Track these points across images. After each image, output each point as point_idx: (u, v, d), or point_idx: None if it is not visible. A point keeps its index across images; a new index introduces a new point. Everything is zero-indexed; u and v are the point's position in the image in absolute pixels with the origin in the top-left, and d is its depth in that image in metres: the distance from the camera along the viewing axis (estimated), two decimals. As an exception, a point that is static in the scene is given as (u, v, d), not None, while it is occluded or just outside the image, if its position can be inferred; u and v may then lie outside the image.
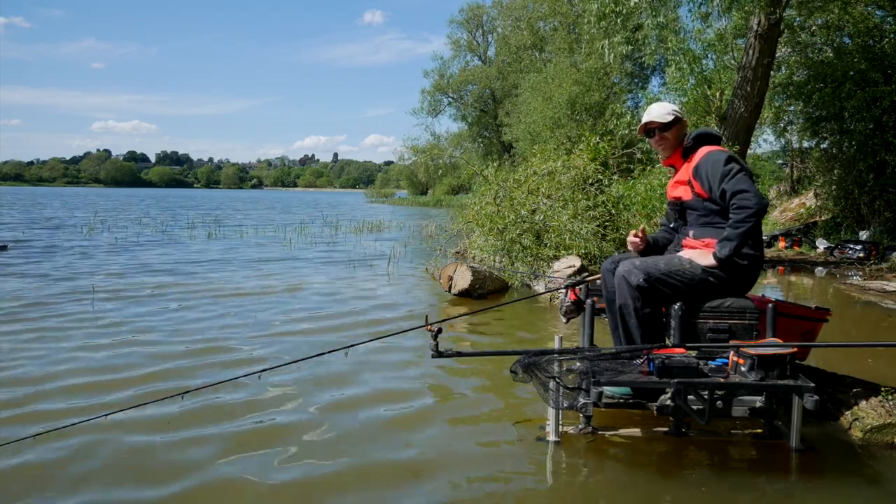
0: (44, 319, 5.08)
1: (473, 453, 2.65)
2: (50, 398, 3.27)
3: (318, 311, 5.66)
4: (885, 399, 2.83)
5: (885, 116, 10.99)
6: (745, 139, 11.13)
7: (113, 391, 3.38)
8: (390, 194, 58.89)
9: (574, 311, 3.21)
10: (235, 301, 6.04)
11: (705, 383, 2.40)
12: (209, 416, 3.02)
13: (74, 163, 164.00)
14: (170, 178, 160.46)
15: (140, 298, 6.09)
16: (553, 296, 5.88)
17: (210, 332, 4.76)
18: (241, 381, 3.36)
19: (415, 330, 3.26)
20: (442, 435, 2.87)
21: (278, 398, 3.30)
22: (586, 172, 7.78)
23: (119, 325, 4.93)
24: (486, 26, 37.85)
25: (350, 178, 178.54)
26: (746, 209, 2.65)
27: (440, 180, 42.90)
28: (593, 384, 2.45)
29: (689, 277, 2.74)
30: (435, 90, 36.74)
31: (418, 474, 2.46)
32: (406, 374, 3.81)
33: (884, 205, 11.38)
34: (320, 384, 3.55)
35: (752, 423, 2.83)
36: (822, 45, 12.72)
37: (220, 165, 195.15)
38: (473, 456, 2.62)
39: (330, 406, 3.21)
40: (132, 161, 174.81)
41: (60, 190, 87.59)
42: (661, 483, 2.39)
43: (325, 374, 3.73)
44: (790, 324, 2.88)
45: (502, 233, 7.31)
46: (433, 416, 3.11)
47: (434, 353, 2.40)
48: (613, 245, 7.25)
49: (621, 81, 21.20)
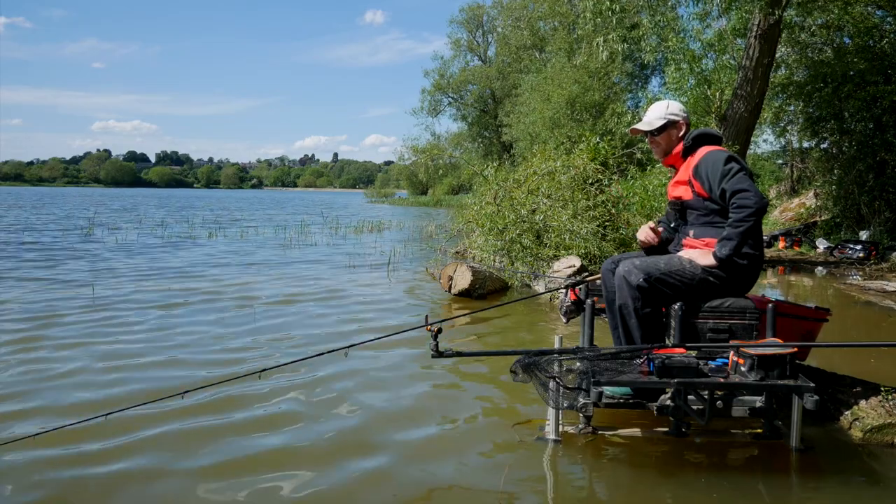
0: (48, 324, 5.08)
1: (473, 453, 2.65)
2: (51, 397, 3.27)
3: (318, 311, 5.66)
4: (885, 399, 2.83)
5: (884, 116, 10.99)
6: (745, 139, 11.13)
7: (112, 391, 3.38)
8: (390, 194, 58.86)
9: (574, 311, 3.21)
10: (235, 301, 6.03)
11: (705, 383, 2.40)
12: (208, 416, 3.02)
13: (74, 163, 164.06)
14: (170, 178, 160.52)
15: (143, 298, 6.09)
16: (553, 296, 5.87)
17: (209, 332, 4.76)
18: (240, 381, 3.36)
19: (415, 330, 3.26)
20: (441, 435, 2.87)
21: (277, 398, 3.30)
22: (586, 172, 7.78)
23: (118, 326, 4.93)
24: (486, 26, 37.91)
25: (350, 178, 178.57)
26: (746, 208, 2.64)
27: (440, 180, 42.88)
28: (593, 384, 2.45)
29: (689, 277, 2.74)
30: (435, 90, 36.77)
31: (417, 474, 2.46)
32: (406, 374, 3.81)
33: (884, 205, 11.38)
34: (320, 384, 3.55)
35: (752, 423, 2.83)
36: (822, 45, 12.72)
37: (220, 165, 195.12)
38: (473, 456, 2.62)
39: (329, 406, 3.21)
40: (132, 161, 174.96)
41: (62, 190, 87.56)
42: (661, 483, 2.39)
43: (325, 374, 3.73)
44: (790, 324, 2.88)
45: (502, 233, 7.31)
46: (433, 416, 3.11)
47: (434, 353, 2.40)
48: (613, 245, 7.25)
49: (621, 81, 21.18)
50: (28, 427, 2.84)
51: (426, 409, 3.20)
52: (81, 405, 3.16)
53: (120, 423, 2.83)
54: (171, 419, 2.97)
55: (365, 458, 2.59)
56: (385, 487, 2.35)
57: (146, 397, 3.12)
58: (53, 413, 3.06)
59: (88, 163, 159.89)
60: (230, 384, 3.26)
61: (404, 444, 2.74)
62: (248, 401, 3.24)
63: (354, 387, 3.52)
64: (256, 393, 3.35)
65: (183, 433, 2.83)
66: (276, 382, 3.52)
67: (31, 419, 2.97)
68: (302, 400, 3.29)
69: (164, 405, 3.05)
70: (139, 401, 2.98)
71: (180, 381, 3.54)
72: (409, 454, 2.65)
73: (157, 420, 2.95)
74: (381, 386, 3.55)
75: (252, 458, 2.58)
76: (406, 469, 2.50)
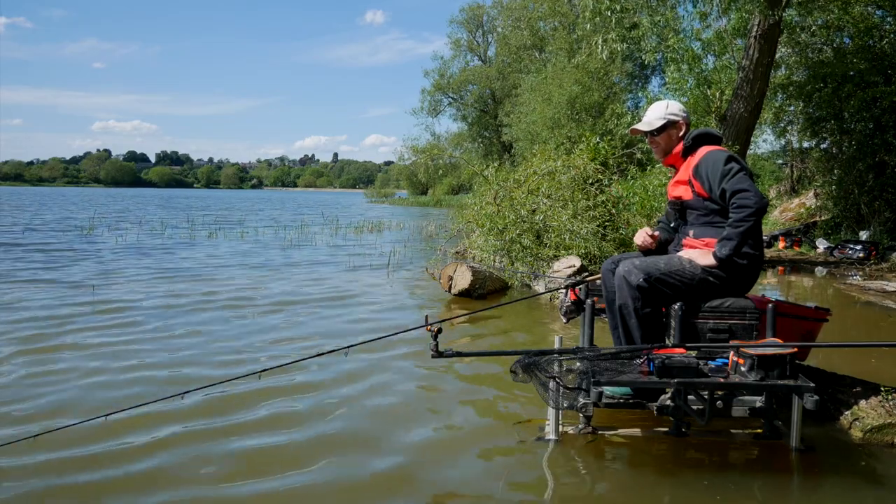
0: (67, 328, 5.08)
1: (473, 453, 2.65)
2: (51, 397, 3.27)
3: (318, 311, 5.66)
4: (885, 399, 2.83)
5: (884, 117, 10.99)
6: (745, 139, 11.13)
7: (111, 391, 3.38)
8: (390, 194, 58.84)
9: (574, 311, 3.21)
10: (235, 301, 6.03)
11: (705, 383, 2.40)
12: (207, 417, 3.02)
13: (74, 163, 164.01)
14: (170, 179, 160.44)
15: (143, 298, 6.09)
16: (553, 296, 5.87)
17: (209, 332, 4.76)
18: (240, 381, 3.35)
19: (415, 330, 3.26)
20: (441, 435, 2.87)
21: (277, 399, 3.30)
22: (586, 172, 7.78)
23: (118, 326, 4.93)
24: (487, 26, 37.89)
25: (350, 178, 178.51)
26: (746, 208, 2.64)
27: (440, 180, 42.86)
28: (593, 384, 2.45)
29: (689, 277, 2.74)
30: (435, 90, 36.75)
31: (418, 474, 2.46)
32: (406, 374, 3.81)
33: (884, 205, 11.38)
34: (320, 384, 3.55)
35: (752, 423, 2.83)
36: (822, 45, 12.71)
37: (220, 165, 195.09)
38: (473, 456, 2.62)
39: (329, 406, 3.21)
40: (132, 161, 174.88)
41: (61, 190, 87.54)
42: (661, 483, 2.39)
43: (325, 374, 3.73)
44: (790, 324, 2.88)
45: (502, 233, 7.31)
46: (433, 416, 3.11)
47: (434, 354, 2.40)
48: (613, 245, 7.25)
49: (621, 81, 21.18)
50: (28, 427, 2.83)
51: (426, 410, 3.20)
52: (81, 405, 3.16)
53: (120, 424, 2.84)
54: (170, 420, 2.97)
55: (365, 459, 2.59)
56: (385, 487, 2.35)
57: (146, 398, 3.12)
58: (53, 413, 3.05)
59: (88, 163, 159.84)
60: (230, 385, 3.26)
61: (404, 445, 2.74)
62: (248, 401, 3.24)
63: (354, 387, 3.51)
64: (256, 393, 3.34)
65: (182, 434, 2.83)
66: (276, 383, 3.52)
67: (32, 419, 2.97)
68: (301, 400, 3.28)
69: (164, 406, 3.05)
70: (139, 401, 2.98)
71: (180, 381, 3.54)
72: (408, 454, 2.65)
73: (157, 420, 2.94)
74: (380, 386, 3.55)
75: (252, 459, 2.58)
76: (406, 469, 2.50)
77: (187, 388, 2.75)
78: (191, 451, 2.65)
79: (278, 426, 2.92)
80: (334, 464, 2.54)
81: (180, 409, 3.07)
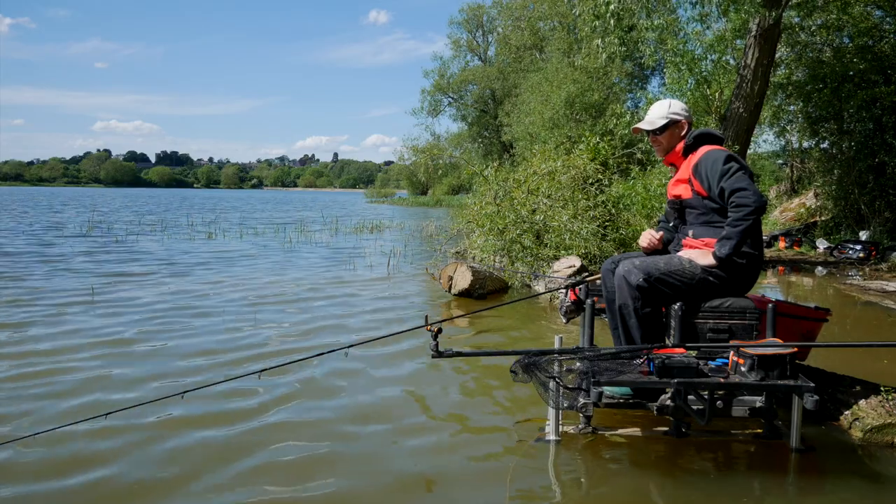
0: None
1: (473, 453, 2.65)
2: (51, 397, 3.27)
3: (318, 310, 5.66)
4: (885, 399, 2.83)
5: (884, 117, 11.00)
6: (745, 139, 11.13)
7: (112, 390, 3.38)
8: (390, 194, 58.83)
9: (574, 311, 3.21)
10: (235, 301, 6.03)
11: (705, 383, 2.40)
12: (207, 416, 3.02)
13: (74, 163, 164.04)
14: (170, 178, 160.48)
15: (142, 298, 6.09)
16: (553, 296, 5.88)
17: (209, 332, 4.76)
18: (240, 381, 3.35)
19: (415, 330, 3.26)
20: (441, 435, 2.87)
21: (277, 398, 3.30)
22: (586, 172, 7.78)
23: (119, 326, 4.93)
24: (487, 26, 37.85)
25: (350, 177, 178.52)
26: (745, 207, 2.65)
27: (440, 180, 42.87)
28: (593, 384, 2.45)
29: (688, 277, 2.74)
30: (435, 90, 36.71)
31: (418, 474, 2.46)
32: (406, 374, 3.81)
33: (884, 205, 11.39)
34: (319, 384, 3.55)
35: (752, 423, 2.83)
36: (822, 45, 12.72)
37: (220, 165, 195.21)
38: (473, 456, 2.62)
39: (329, 406, 3.21)
40: (132, 161, 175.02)
41: (61, 190, 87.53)
42: (661, 483, 2.39)
43: (325, 374, 3.73)
44: (790, 324, 2.88)
45: (502, 233, 7.31)
46: (433, 416, 3.11)
47: (434, 353, 2.40)
48: (613, 245, 7.26)
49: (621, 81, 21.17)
50: (28, 427, 2.83)
51: (426, 409, 3.20)
52: (81, 405, 3.16)
53: (120, 424, 2.84)
54: (170, 419, 2.96)
55: (365, 459, 2.59)
56: (385, 488, 2.35)
57: (145, 397, 3.12)
58: (53, 413, 3.05)
59: (88, 163, 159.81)
60: (230, 384, 3.26)
61: (404, 445, 2.74)
62: (248, 401, 3.24)
63: (354, 387, 3.51)
64: (256, 393, 3.35)
65: (182, 434, 2.82)
66: (276, 382, 3.52)
67: (31, 419, 2.97)
68: (301, 400, 3.28)
69: (164, 405, 3.04)
70: (138, 401, 2.98)
71: (180, 380, 3.54)
72: (408, 454, 2.64)
73: (157, 420, 2.94)
74: (381, 386, 3.55)
75: (249, 460, 2.58)
76: (405, 469, 2.50)
77: (187, 388, 2.75)
78: (190, 450, 2.65)
79: (276, 426, 2.92)
80: (332, 464, 2.54)
81: (180, 409, 3.07)
